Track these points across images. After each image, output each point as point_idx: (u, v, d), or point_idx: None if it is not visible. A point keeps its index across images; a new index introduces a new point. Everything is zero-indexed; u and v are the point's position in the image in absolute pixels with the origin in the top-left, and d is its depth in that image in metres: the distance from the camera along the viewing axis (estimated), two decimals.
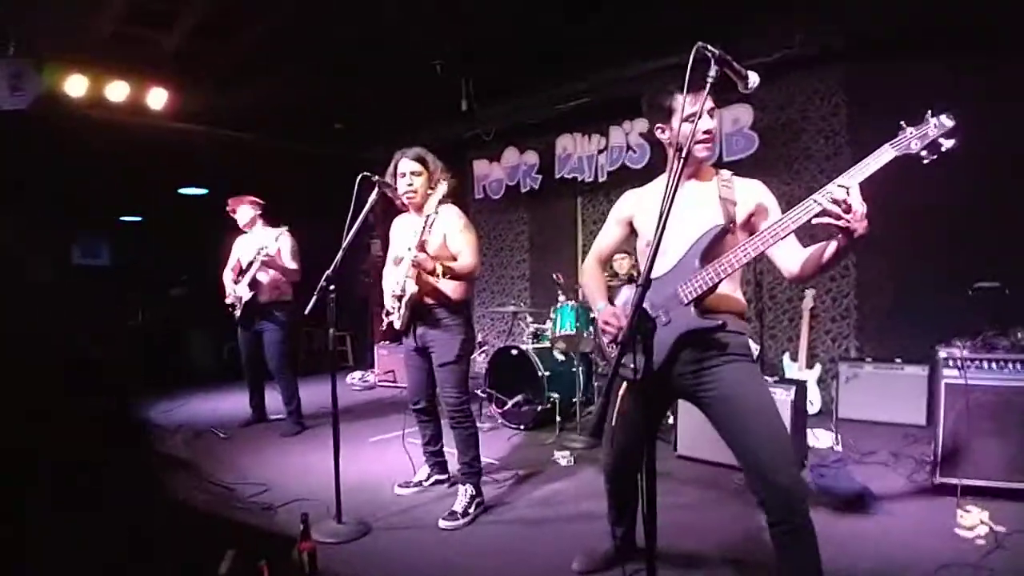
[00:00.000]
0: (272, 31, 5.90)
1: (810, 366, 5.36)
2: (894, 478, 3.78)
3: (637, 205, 2.41)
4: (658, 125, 2.25)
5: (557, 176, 7.14)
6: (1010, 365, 3.31)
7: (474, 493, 3.36)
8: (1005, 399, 3.28)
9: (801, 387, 3.96)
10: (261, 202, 5.33)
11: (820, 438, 4.46)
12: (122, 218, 9.32)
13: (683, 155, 1.80)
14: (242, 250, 5.30)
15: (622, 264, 5.71)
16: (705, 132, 2.13)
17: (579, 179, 7.01)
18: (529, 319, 5.84)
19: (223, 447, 4.85)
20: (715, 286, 2.04)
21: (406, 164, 3.38)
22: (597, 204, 7.20)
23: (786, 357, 5.50)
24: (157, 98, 6.36)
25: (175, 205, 8.98)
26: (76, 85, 5.89)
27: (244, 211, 5.27)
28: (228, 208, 5.32)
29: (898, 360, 4.98)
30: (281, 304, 5.16)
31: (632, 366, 1.85)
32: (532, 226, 7.91)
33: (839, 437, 4.43)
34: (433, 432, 3.71)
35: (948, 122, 1.77)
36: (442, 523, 3.19)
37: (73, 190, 7.15)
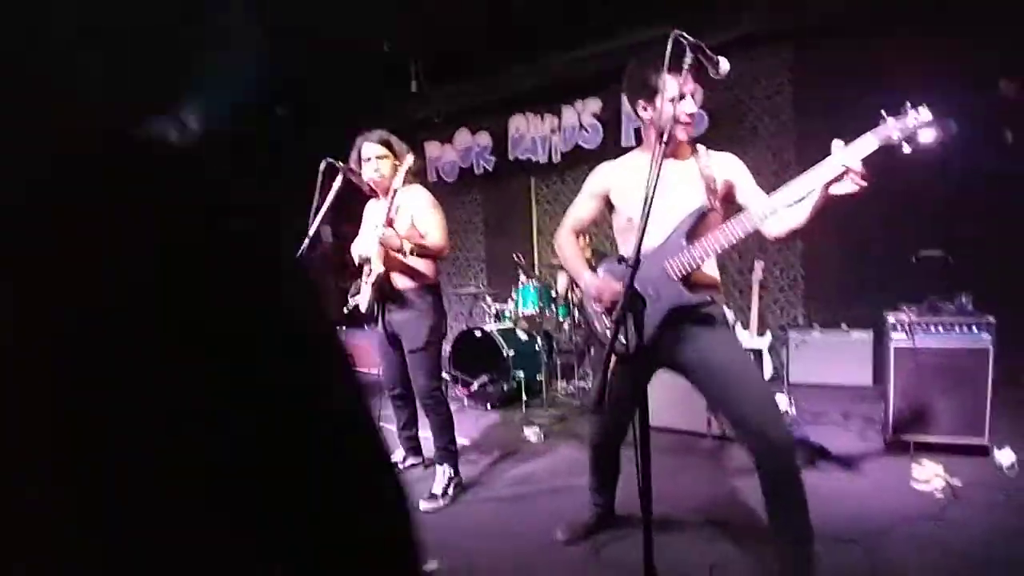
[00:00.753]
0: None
1: (761, 334, 5.55)
2: (847, 437, 3.99)
3: (613, 180, 2.46)
4: (639, 102, 2.28)
5: (511, 157, 7.14)
6: (956, 328, 3.51)
7: (452, 474, 3.40)
8: (952, 360, 3.49)
9: (756, 355, 4.13)
10: None
11: None
12: None
13: (664, 137, 1.86)
14: None
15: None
16: (688, 114, 2.20)
17: (533, 160, 7.02)
18: (489, 300, 5.87)
19: None
20: (701, 264, 2.14)
21: (370, 148, 3.33)
22: (551, 184, 7.25)
23: (738, 326, 5.70)
24: None
25: None
26: None
27: None
28: None
29: (844, 326, 5.23)
30: None
31: (624, 342, 1.92)
32: (487, 207, 7.90)
33: (792, 400, 4.63)
34: (408, 416, 3.73)
35: (926, 115, 1.87)
36: (423, 504, 3.23)
37: None
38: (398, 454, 3.82)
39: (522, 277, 5.21)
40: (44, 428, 0.28)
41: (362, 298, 3.37)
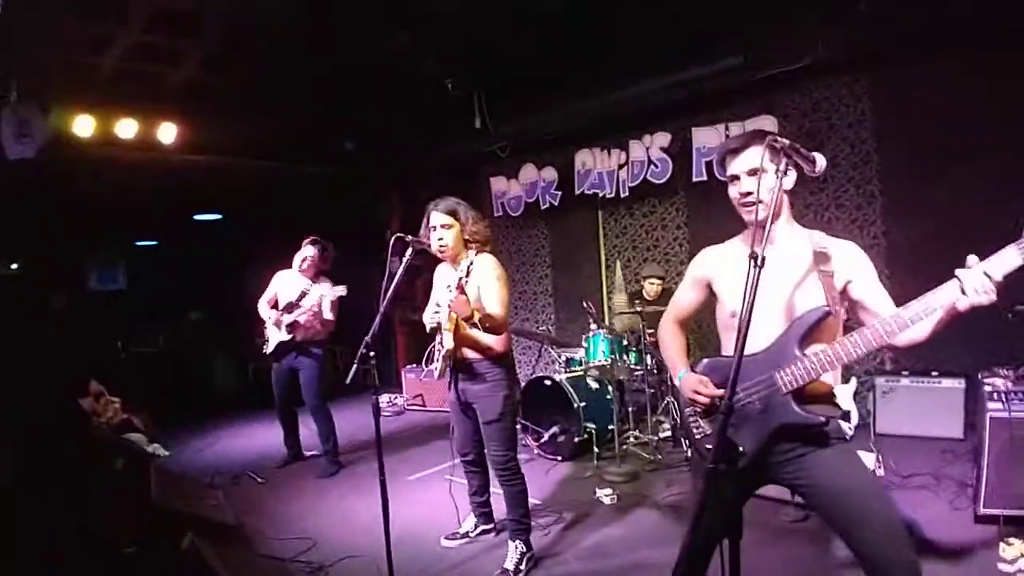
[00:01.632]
0: (281, 56, 5.91)
1: (846, 381, 5.32)
2: (937, 505, 3.77)
3: (716, 267, 2.24)
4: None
5: (577, 192, 7.07)
6: None
7: (524, 549, 3.38)
8: None
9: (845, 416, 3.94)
10: (329, 251, 5.30)
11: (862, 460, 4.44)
12: (138, 243, 9.44)
13: (766, 223, 1.80)
14: (283, 287, 5.28)
15: (655, 289, 5.71)
16: (742, 194, 2.05)
17: (600, 194, 6.94)
18: (558, 348, 5.84)
19: (261, 493, 4.92)
20: (818, 376, 1.91)
21: (436, 217, 3.35)
22: (619, 218, 7.15)
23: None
24: (167, 132, 6.35)
25: (190, 231, 9.08)
26: (84, 126, 5.86)
27: (308, 251, 5.23)
28: (305, 242, 5.26)
29: (935, 373, 4.95)
30: (316, 342, 5.21)
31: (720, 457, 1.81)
32: (553, 242, 7.87)
33: (880, 458, 4.41)
34: (481, 482, 3.74)
35: None
36: None
37: (88, 217, 7.23)
38: (469, 521, 3.83)
39: (592, 325, 5.15)
40: None
41: (435, 367, 3.41)
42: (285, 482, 5.12)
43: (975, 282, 1.67)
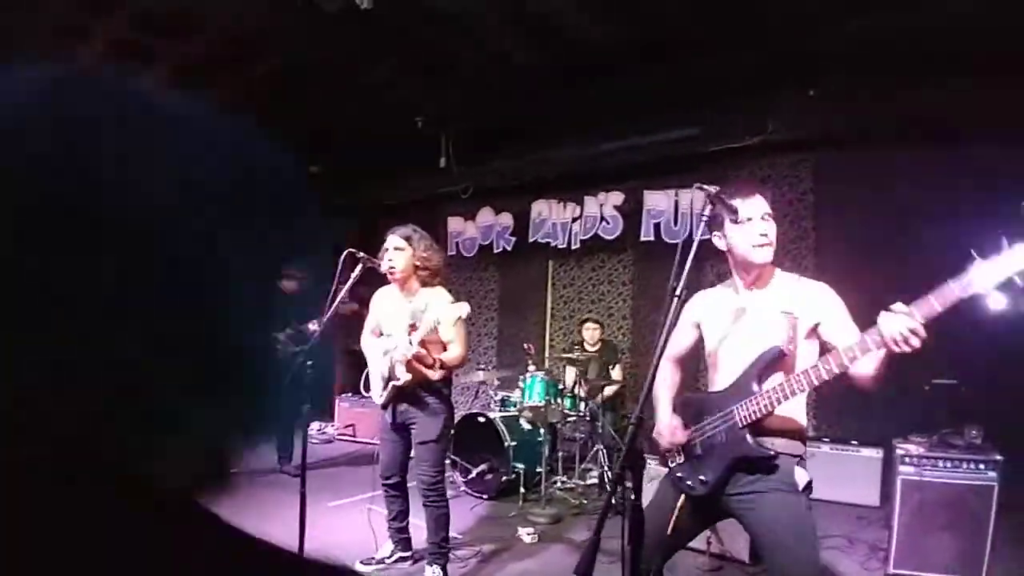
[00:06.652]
0: (254, 75, 5.97)
1: None
2: (849, 565, 3.87)
3: (705, 311, 2.35)
4: (715, 232, 2.21)
5: (531, 240, 7.24)
6: (963, 464, 3.47)
7: (441, 575, 3.33)
8: (957, 496, 3.44)
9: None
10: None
11: None
12: None
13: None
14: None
15: (593, 334, 5.80)
16: (762, 235, 2.11)
17: (552, 244, 7.11)
18: (496, 383, 5.85)
19: None
20: (771, 411, 2.02)
21: (391, 240, 3.41)
22: (568, 270, 7.33)
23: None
24: None
25: None
26: None
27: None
28: None
29: (854, 442, 5.12)
30: None
31: (690, 483, 2.06)
32: (503, 286, 7.97)
33: None
34: (401, 508, 3.67)
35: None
36: None
37: None
38: (386, 547, 3.75)
39: (531, 367, 5.20)
40: None
41: (376, 394, 3.42)
42: None
43: (896, 326, 1.78)
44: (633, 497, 1.73)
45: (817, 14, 4.47)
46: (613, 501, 1.78)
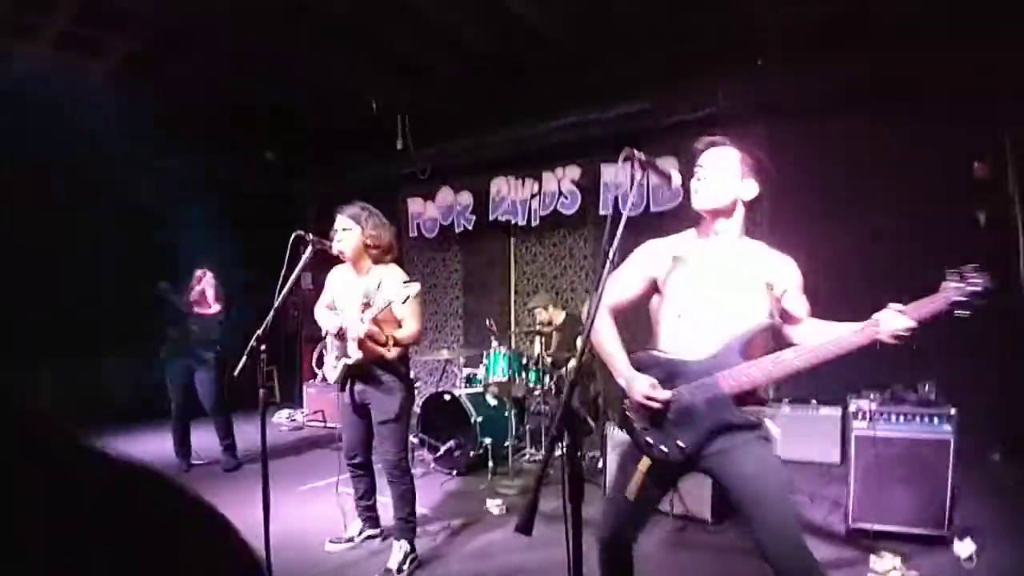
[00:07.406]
0: (208, 58, 5.85)
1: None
2: (811, 521, 3.95)
3: (666, 264, 2.23)
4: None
5: (491, 218, 7.23)
6: (917, 418, 3.54)
7: (408, 550, 3.34)
8: (912, 450, 3.51)
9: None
10: None
11: None
12: None
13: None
14: None
15: (544, 317, 5.80)
16: (697, 180, 2.21)
17: (512, 222, 7.11)
18: (462, 361, 5.86)
19: None
20: (762, 384, 2.06)
21: (339, 221, 3.36)
22: (530, 246, 7.34)
23: None
24: None
25: None
26: None
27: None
28: None
29: (813, 402, 5.25)
30: (211, 343, 5.17)
31: (665, 449, 2.03)
32: (466, 266, 7.96)
33: None
34: (367, 486, 3.67)
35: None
36: None
37: None
38: (355, 526, 3.75)
39: (494, 343, 5.21)
40: None
41: (330, 371, 3.38)
42: None
43: (897, 326, 2.01)
44: (570, 455, 1.74)
45: None
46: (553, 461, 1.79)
